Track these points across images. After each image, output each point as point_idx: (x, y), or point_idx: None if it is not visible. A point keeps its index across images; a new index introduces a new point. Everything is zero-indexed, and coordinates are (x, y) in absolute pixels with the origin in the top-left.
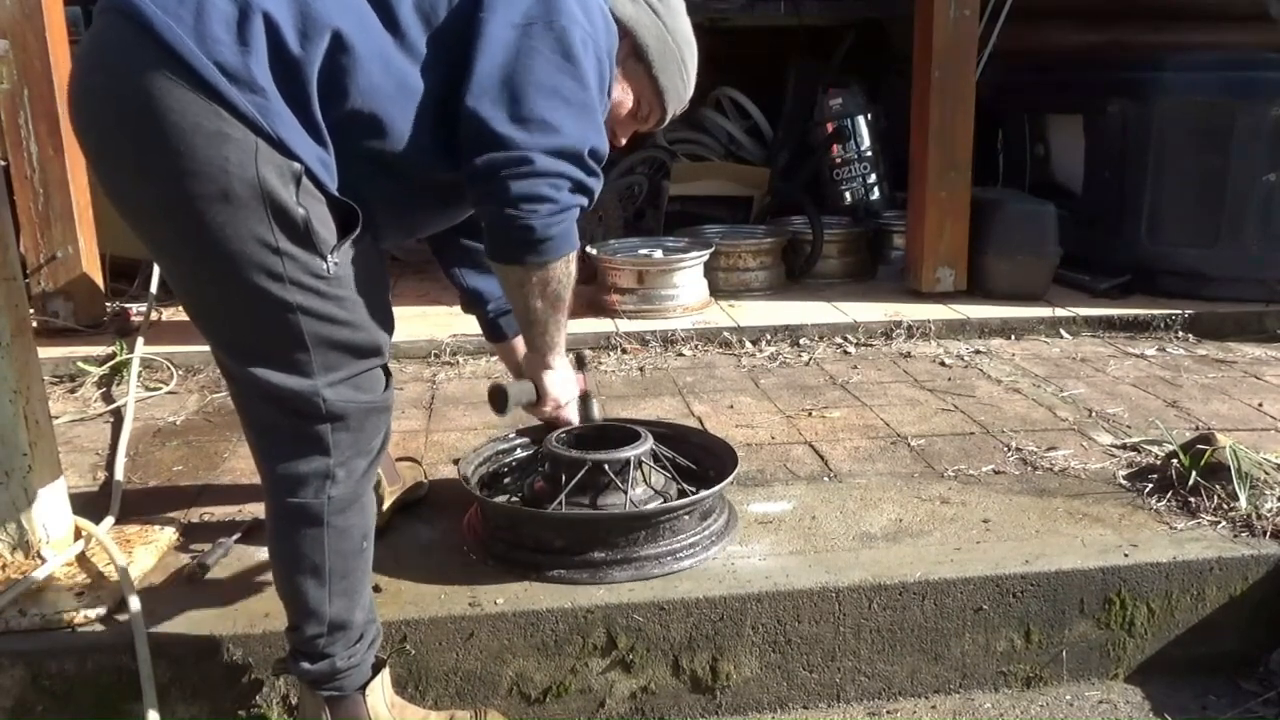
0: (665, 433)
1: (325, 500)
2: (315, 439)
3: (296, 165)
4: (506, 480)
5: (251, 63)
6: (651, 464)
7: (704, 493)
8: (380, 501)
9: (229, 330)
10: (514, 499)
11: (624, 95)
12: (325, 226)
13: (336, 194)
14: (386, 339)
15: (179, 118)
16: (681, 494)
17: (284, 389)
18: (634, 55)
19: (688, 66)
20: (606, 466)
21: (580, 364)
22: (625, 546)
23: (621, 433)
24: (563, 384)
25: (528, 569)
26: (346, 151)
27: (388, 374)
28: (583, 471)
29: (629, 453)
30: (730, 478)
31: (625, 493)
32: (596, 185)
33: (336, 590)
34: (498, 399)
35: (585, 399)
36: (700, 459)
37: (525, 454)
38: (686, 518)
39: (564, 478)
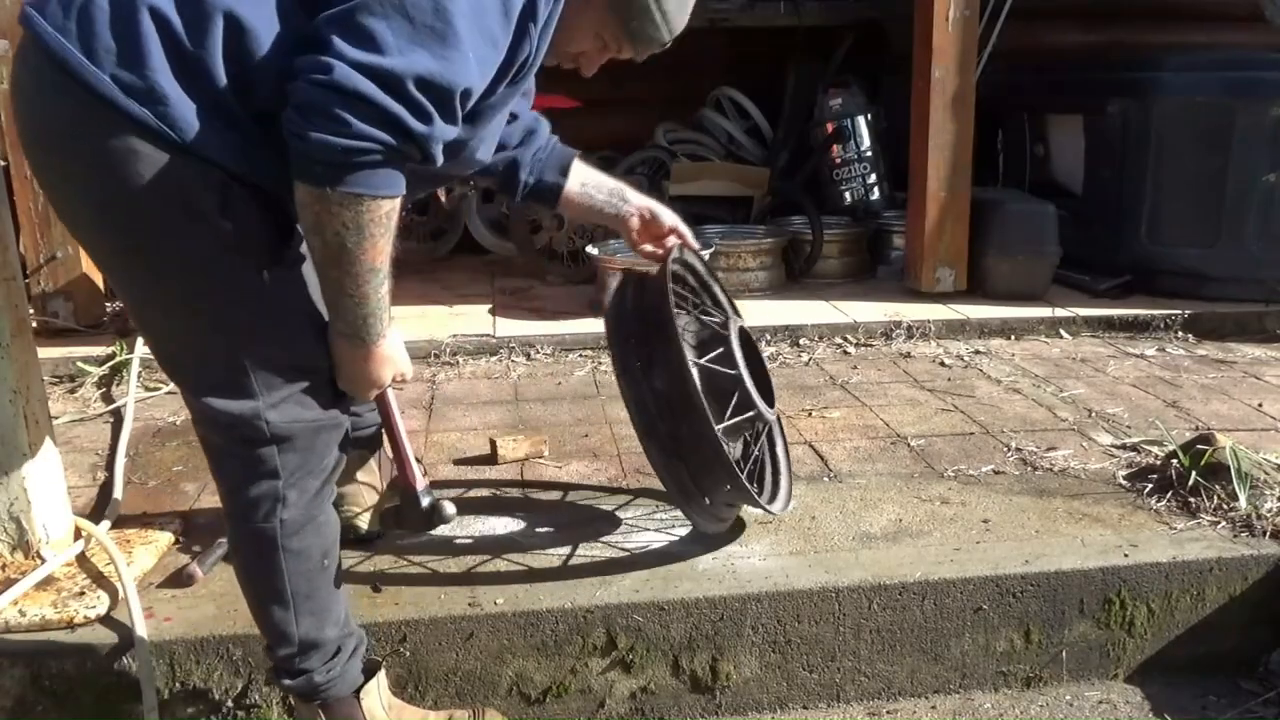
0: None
1: (277, 524)
2: (262, 462)
3: (216, 172)
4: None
5: (148, 70)
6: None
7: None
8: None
9: (172, 354)
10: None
11: (578, 34)
12: (254, 237)
13: (264, 187)
14: (326, 356)
15: (89, 139)
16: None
17: (226, 413)
18: None
19: None
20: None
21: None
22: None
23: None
24: (356, 361)
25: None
26: (277, 133)
27: (338, 391)
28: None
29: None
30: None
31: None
32: (421, 126)
33: (302, 610)
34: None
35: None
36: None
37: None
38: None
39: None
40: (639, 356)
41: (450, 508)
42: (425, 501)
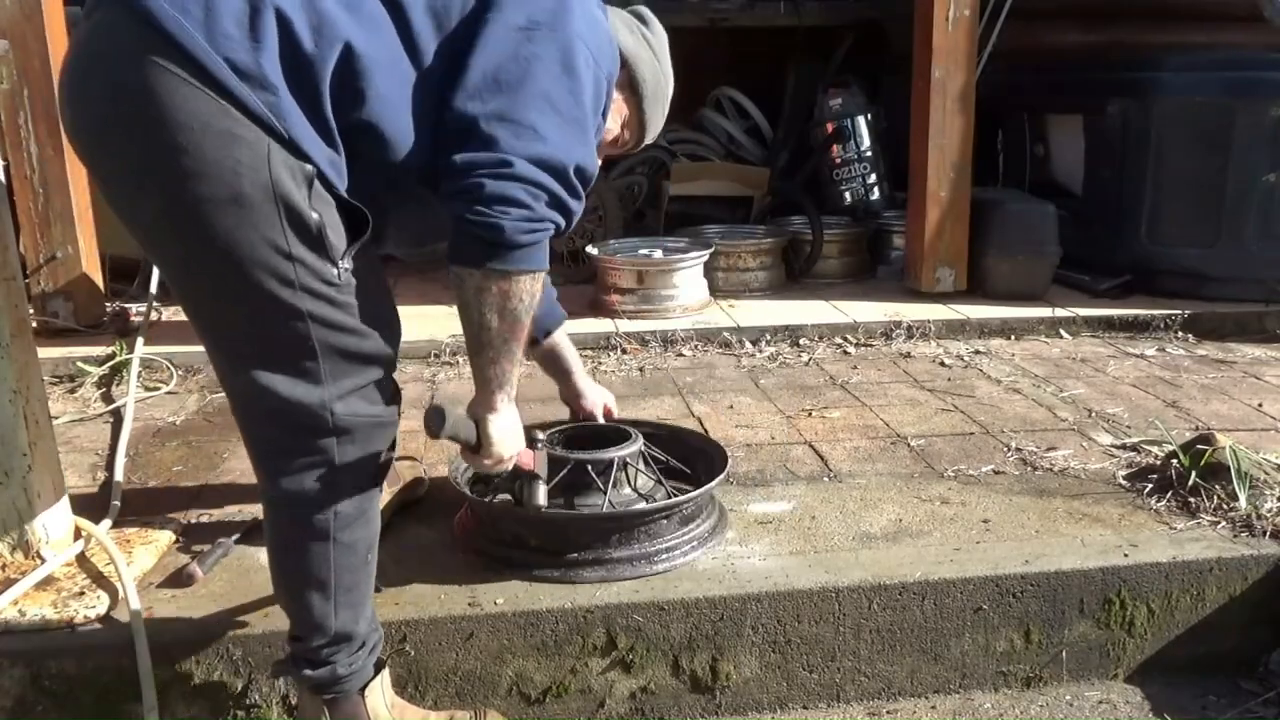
0: (661, 434)
1: (332, 516)
2: (321, 453)
3: (309, 167)
4: (497, 480)
5: (263, 59)
6: (639, 466)
7: (679, 498)
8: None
9: (236, 339)
10: (506, 497)
11: (613, 122)
12: (336, 232)
13: (347, 197)
14: (394, 348)
15: (186, 116)
16: (669, 497)
17: (291, 400)
18: (629, 86)
19: (667, 104)
20: (589, 467)
21: (533, 443)
22: (597, 548)
23: (616, 434)
24: (506, 432)
25: (504, 564)
26: (354, 158)
27: (397, 388)
28: (565, 470)
29: (613, 454)
30: (706, 488)
31: (604, 493)
32: (577, 207)
33: (342, 603)
34: (434, 421)
35: (533, 480)
36: (694, 462)
37: None
38: (664, 521)
39: (549, 476)
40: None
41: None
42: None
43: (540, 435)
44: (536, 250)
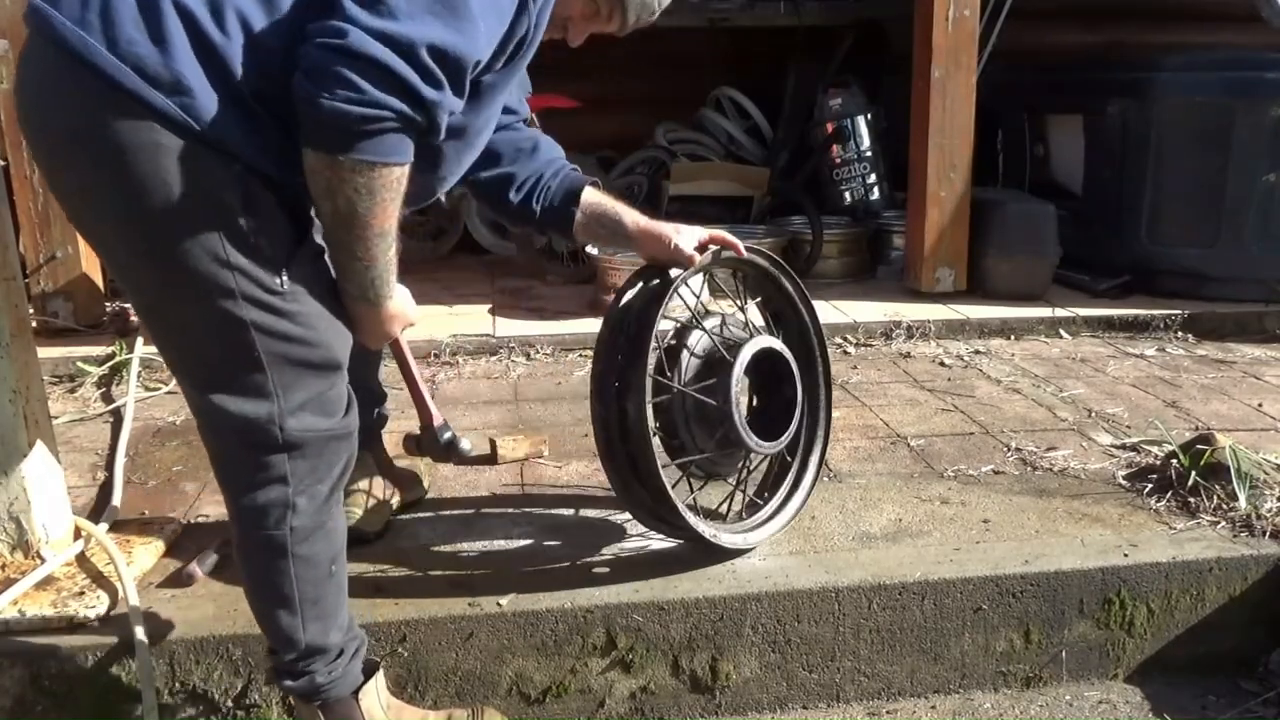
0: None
1: (288, 531)
2: (272, 468)
3: (237, 166)
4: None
5: (171, 60)
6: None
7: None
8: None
9: (187, 355)
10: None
11: None
12: (276, 237)
13: (287, 183)
14: (345, 353)
15: (111, 134)
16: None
17: (240, 416)
18: None
19: None
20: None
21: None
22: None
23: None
24: (366, 320)
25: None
26: (297, 126)
27: (351, 399)
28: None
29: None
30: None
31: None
32: (434, 95)
33: (309, 616)
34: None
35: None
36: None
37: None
38: None
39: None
40: (618, 375)
41: (466, 443)
42: (444, 436)
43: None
44: (374, 140)
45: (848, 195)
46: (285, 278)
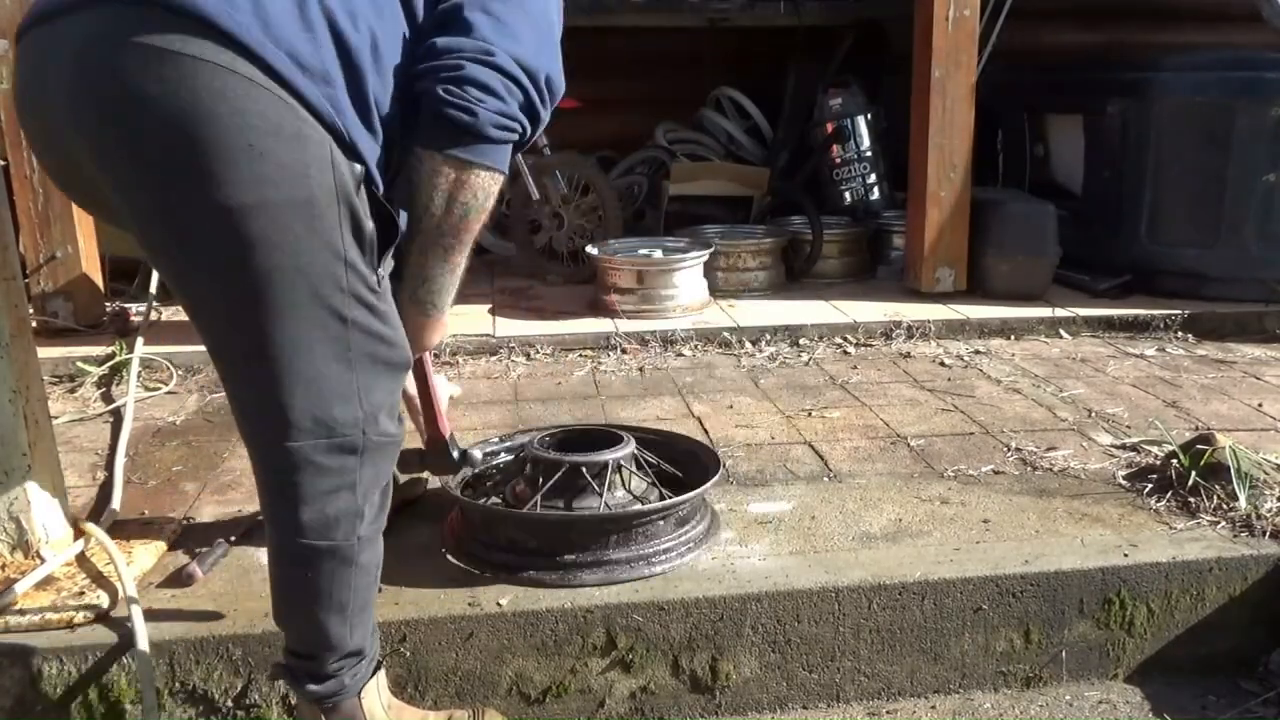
0: (652, 438)
1: (356, 540)
2: (346, 475)
3: (359, 168)
4: (489, 484)
5: (322, 51)
6: (632, 469)
7: (678, 498)
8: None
9: (274, 359)
10: (496, 501)
11: None
12: (373, 236)
13: (382, 199)
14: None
15: (256, 119)
16: (661, 499)
17: (325, 423)
18: None
19: None
20: (584, 469)
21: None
22: (596, 549)
23: (605, 437)
24: (421, 328)
25: (500, 569)
26: (391, 148)
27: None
28: (560, 473)
29: (608, 456)
30: (705, 487)
31: (600, 496)
32: (544, 117)
33: (357, 623)
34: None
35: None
36: (686, 466)
37: (510, 458)
38: (661, 523)
39: (542, 479)
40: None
41: (478, 453)
42: (455, 451)
43: (531, 439)
44: (501, 150)
45: (848, 195)
46: (381, 276)
